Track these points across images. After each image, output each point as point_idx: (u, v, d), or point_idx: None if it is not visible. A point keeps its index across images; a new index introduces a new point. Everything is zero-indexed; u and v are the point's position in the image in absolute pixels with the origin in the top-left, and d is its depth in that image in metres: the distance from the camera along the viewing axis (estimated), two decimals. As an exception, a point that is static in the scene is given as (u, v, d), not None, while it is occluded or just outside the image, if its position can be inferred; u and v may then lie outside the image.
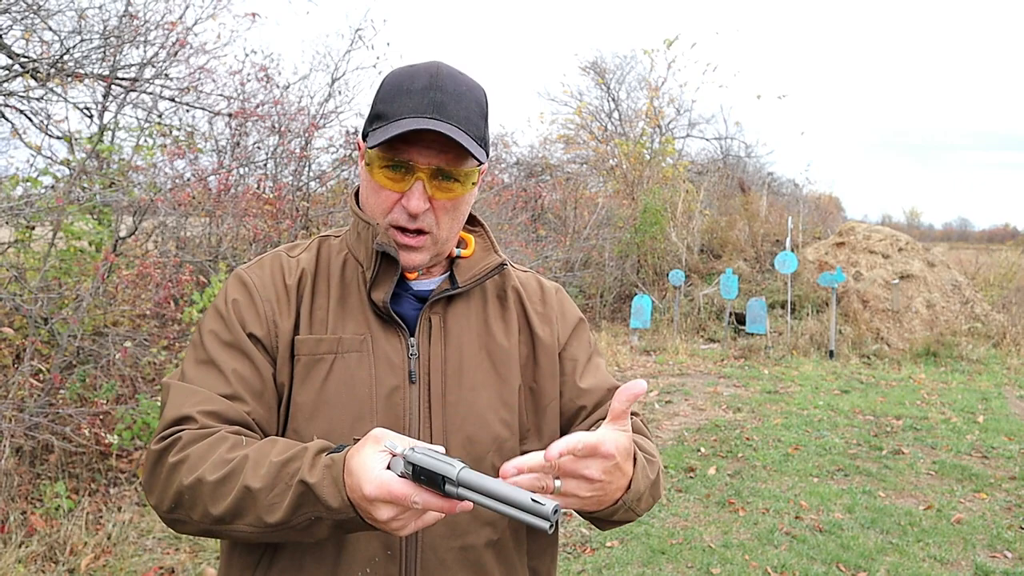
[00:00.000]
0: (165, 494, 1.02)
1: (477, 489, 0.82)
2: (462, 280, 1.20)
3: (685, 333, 11.37)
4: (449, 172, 1.11)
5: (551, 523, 0.76)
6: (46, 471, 4.09)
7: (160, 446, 1.04)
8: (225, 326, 1.14)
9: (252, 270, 1.20)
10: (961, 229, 54.19)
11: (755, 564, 4.00)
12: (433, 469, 0.84)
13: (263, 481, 0.95)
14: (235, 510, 0.96)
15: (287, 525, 0.95)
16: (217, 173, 6.08)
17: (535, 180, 13.46)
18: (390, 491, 0.86)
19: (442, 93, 1.10)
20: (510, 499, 0.80)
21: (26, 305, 4.06)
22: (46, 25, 5.32)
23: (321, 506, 0.92)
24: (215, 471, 0.98)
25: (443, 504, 0.85)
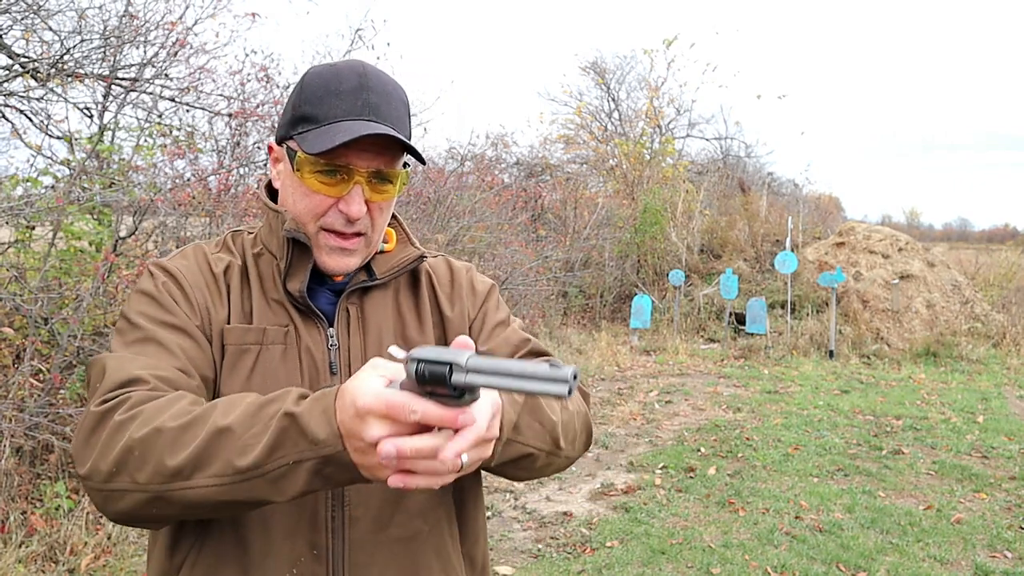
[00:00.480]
0: (105, 456, 0.90)
1: (488, 371, 0.75)
2: (380, 272, 1.19)
3: (685, 333, 11.37)
4: (386, 175, 1.10)
5: (569, 387, 0.70)
6: (46, 471, 4.09)
7: (103, 407, 0.93)
8: (161, 308, 1.08)
9: (175, 260, 1.15)
10: (961, 229, 54.23)
11: (755, 564, 4.00)
12: (440, 358, 0.77)
13: (238, 420, 0.86)
14: (199, 457, 0.85)
15: (259, 471, 0.84)
16: (217, 173, 6.08)
17: (535, 180, 13.47)
18: (387, 401, 0.77)
19: (374, 94, 1.09)
20: (526, 372, 0.73)
21: (26, 305, 4.06)
22: (46, 25, 5.32)
23: (305, 441, 0.83)
24: (177, 419, 0.88)
25: (444, 414, 0.76)
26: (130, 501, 0.90)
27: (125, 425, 0.90)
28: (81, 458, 0.93)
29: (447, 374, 0.75)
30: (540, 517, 4.63)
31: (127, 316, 1.08)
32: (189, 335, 1.06)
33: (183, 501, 0.87)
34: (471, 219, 9.19)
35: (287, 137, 1.12)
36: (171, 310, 1.07)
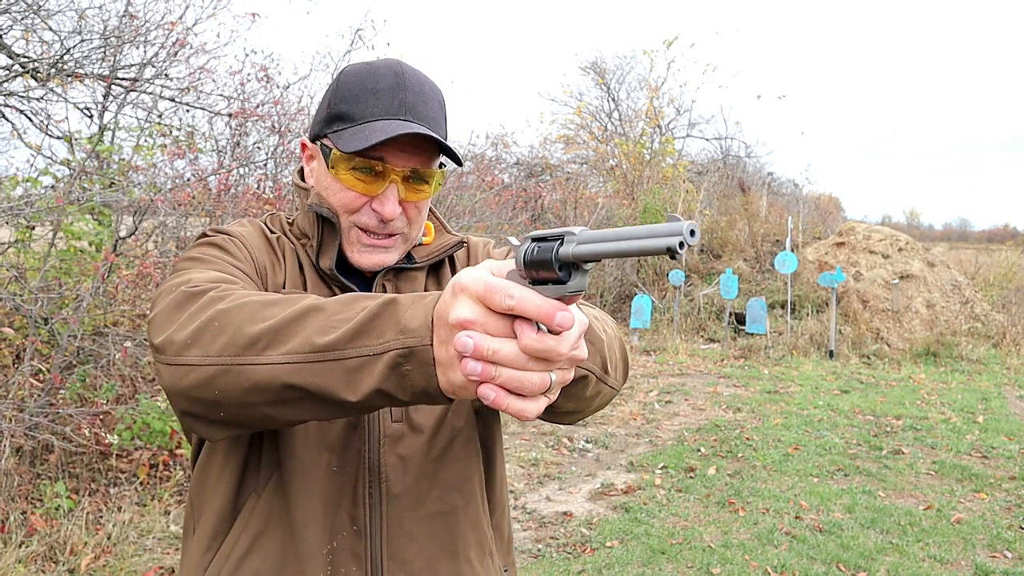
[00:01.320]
0: (185, 327, 0.86)
1: (597, 238, 0.68)
2: (419, 257, 1.19)
3: (685, 333, 11.37)
4: (422, 174, 1.10)
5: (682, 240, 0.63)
6: (46, 471, 4.09)
7: (195, 288, 0.91)
8: (227, 252, 1.07)
9: (230, 226, 1.16)
10: (961, 229, 54.24)
11: (755, 564, 4.00)
12: (553, 233, 0.71)
13: (331, 303, 0.81)
14: (279, 329, 0.80)
15: (336, 354, 0.77)
16: (217, 173, 6.08)
17: (535, 180, 13.47)
18: (485, 281, 0.70)
19: (411, 94, 1.08)
20: (638, 233, 0.66)
21: (26, 305, 4.06)
22: (46, 25, 5.32)
23: (394, 330, 0.76)
24: (265, 297, 0.86)
25: (541, 305, 0.68)
26: (196, 376, 0.84)
27: (216, 301, 0.87)
28: (159, 328, 0.89)
29: (556, 248, 0.69)
30: (540, 517, 4.63)
31: (188, 256, 1.05)
32: (253, 282, 1.06)
33: (251, 380, 0.81)
34: (471, 219, 9.19)
35: (322, 135, 1.12)
36: (236, 256, 1.07)
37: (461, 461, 1.12)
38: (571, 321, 0.68)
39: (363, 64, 1.13)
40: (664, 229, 0.64)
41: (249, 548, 1.05)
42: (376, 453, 1.07)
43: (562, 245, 0.69)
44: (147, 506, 4.12)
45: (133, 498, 4.17)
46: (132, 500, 4.15)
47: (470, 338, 0.69)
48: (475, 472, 1.14)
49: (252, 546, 1.05)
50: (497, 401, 0.71)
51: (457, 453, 1.11)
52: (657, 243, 0.64)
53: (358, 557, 1.05)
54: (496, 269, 0.74)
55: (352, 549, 1.05)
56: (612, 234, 0.67)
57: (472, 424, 1.14)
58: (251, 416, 0.85)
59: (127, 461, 4.43)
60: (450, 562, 1.10)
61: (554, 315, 0.68)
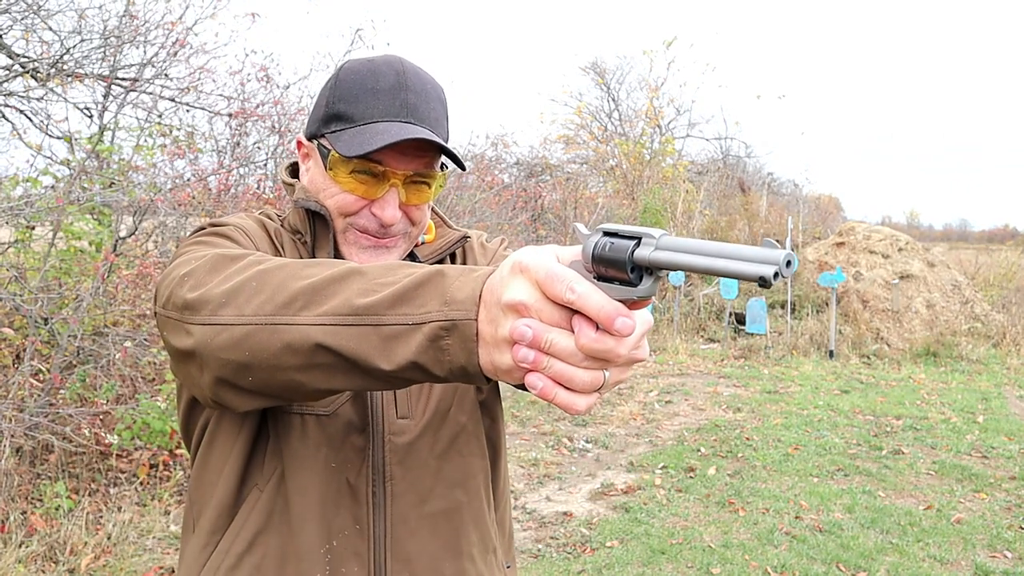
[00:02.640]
0: (221, 285, 0.83)
1: (681, 248, 0.63)
2: (423, 256, 1.16)
3: (685, 333, 11.37)
4: (423, 177, 1.07)
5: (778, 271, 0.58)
6: (46, 471, 4.09)
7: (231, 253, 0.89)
8: (230, 240, 1.04)
9: (229, 218, 1.12)
10: (961, 229, 54.24)
11: (755, 564, 4.00)
12: (629, 231, 0.66)
13: (376, 268, 0.78)
14: (319, 289, 0.77)
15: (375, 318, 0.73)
16: (217, 173, 6.08)
17: (535, 180, 13.47)
18: (549, 268, 0.66)
19: (412, 94, 1.05)
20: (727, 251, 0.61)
21: (26, 305, 4.06)
22: (46, 25, 5.32)
23: (438, 300, 0.72)
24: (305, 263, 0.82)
25: (603, 306, 0.64)
26: (227, 337, 0.80)
27: (254, 264, 0.84)
28: (194, 286, 0.85)
29: (632, 248, 0.64)
30: (540, 517, 4.63)
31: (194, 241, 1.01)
32: None
33: (283, 340, 0.77)
34: (471, 219, 9.19)
35: (319, 134, 1.09)
36: (240, 243, 1.03)
37: (465, 457, 1.10)
38: (631, 328, 0.64)
39: (364, 61, 1.09)
40: (759, 254, 0.59)
41: (249, 545, 1.02)
42: (380, 450, 1.04)
43: (639, 246, 0.64)
44: (147, 506, 4.12)
45: (133, 498, 4.17)
46: (132, 500, 4.15)
47: (528, 327, 0.66)
48: (479, 468, 1.12)
49: (252, 543, 1.02)
50: (545, 391, 0.68)
51: (461, 449, 1.10)
52: (750, 268, 0.59)
53: (360, 556, 1.03)
54: (562, 255, 0.69)
55: (354, 548, 1.02)
56: (697, 246, 0.62)
57: (477, 419, 1.12)
58: (280, 382, 0.81)
59: (127, 461, 4.43)
60: (454, 560, 1.08)
61: (615, 319, 0.64)
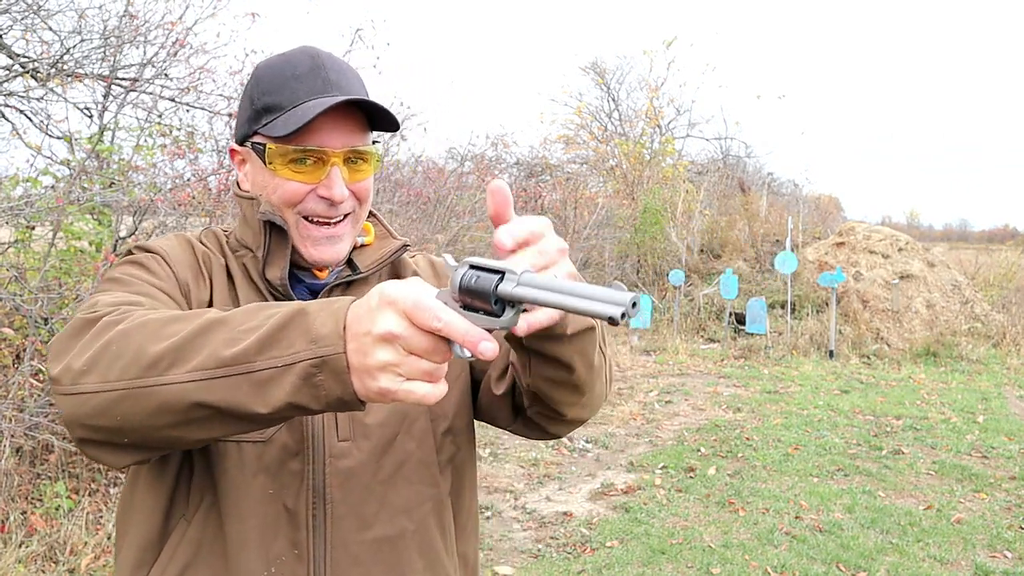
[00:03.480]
0: (82, 354, 0.82)
1: (540, 285, 0.69)
2: (363, 266, 1.15)
3: (685, 333, 11.37)
4: (359, 151, 1.07)
5: (624, 311, 0.65)
6: (46, 471, 4.09)
7: (92, 315, 0.86)
8: (147, 271, 1.04)
9: (156, 241, 1.11)
10: (961, 229, 54.23)
11: (755, 564, 4.00)
12: (494, 265, 0.71)
13: (235, 314, 0.79)
14: (183, 346, 0.77)
15: (245, 367, 0.75)
16: (217, 173, 6.08)
17: (535, 180, 13.48)
18: (415, 298, 0.70)
19: (331, 72, 1.07)
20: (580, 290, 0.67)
21: (26, 305, 4.06)
22: (46, 25, 5.32)
23: (304, 339, 0.74)
24: (166, 314, 0.82)
25: (468, 331, 0.69)
26: (96, 404, 0.80)
27: (111, 325, 0.82)
28: (55, 359, 0.84)
29: (495, 282, 0.70)
30: (540, 517, 4.63)
31: (108, 277, 1.02)
32: (176, 302, 1.02)
33: (154, 401, 0.77)
34: (471, 219, 9.20)
35: (251, 134, 1.09)
36: (157, 275, 1.03)
37: (413, 485, 1.07)
38: (494, 351, 0.69)
39: (276, 56, 1.11)
40: (608, 295, 0.66)
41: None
42: (320, 473, 1.02)
43: (503, 281, 0.69)
44: (147, 506, 4.11)
45: (133, 498, 4.17)
46: (132, 500, 4.15)
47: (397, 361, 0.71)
48: (428, 496, 1.09)
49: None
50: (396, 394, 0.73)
51: (408, 476, 1.07)
52: (600, 308, 0.65)
53: None
54: (427, 287, 0.73)
55: (292, 574, 1.00)
56: (556, 285, 0.68)
57: (429, 447, 1.10)
58: (157, 439, 0.82)
59: (127, 461, 4.43)
60: None
61: (478, 343, 0.69)
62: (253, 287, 1.11)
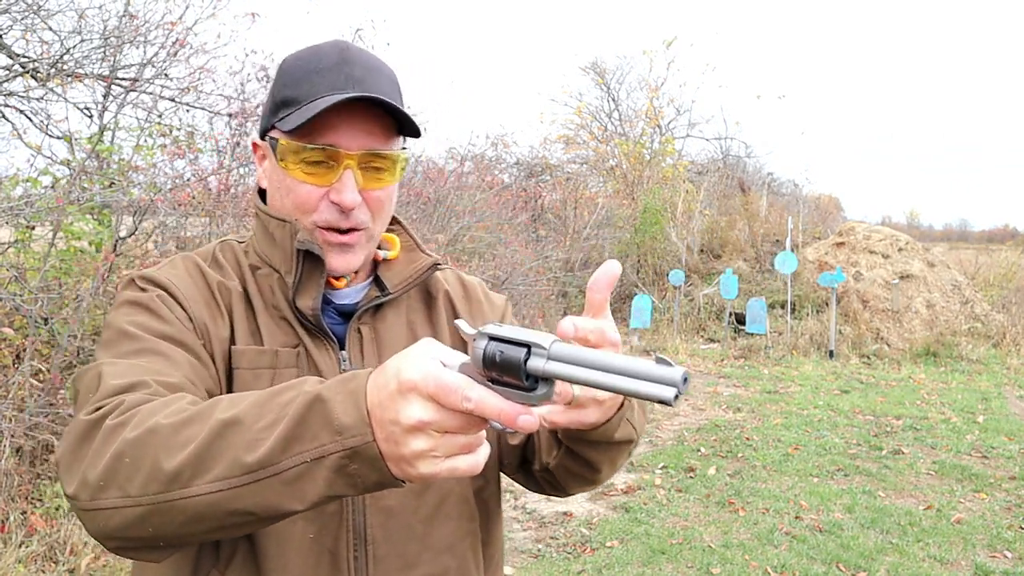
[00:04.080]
0: (94, 467, 0.76)
1: (576, 360, 0.63)
2: (392, 285, 1.08)
3: (685, 333, 11.37)
4: (379, 155, 0.99)
5: (678, 392, 0.59)
6: (46, 471, 4.08)
7: (95, 415, 0.80)
8: (157, 317, 0.95)
9: (164, 270, 1.03)
10: (961, 229, 54.25)
11: (755, 564, 4.00)
12: (517, 337, 0.65)
13: (247, 410, 0.73)
14: (200, 455, 0.71)
15: (272, 469, 0.70)
16: (217, 173, 6.08)
17: (535, 180, 13.47)
18: (437, 379, 0.65)
19: (358, 68, 0.99)
20: (625, 367, 0.61)
21: (26, 305, 4.06)
22: (46, 25, 5.31)
23: (328, 430, 0.69)
24: (174, 416, 0.75)
25: (503, 409, 0.64)
26: (121, 519, 0.75)
27: (117, 430, 0.77)
28: (68, 474, 0.79)
29: (523, 358, 0.64)
30: (540, 517, 4.63)
31: (117, 326, 0.94)
32: (191, 349, 0.94)
33: (184, 513, 0.73)
34: (471, 219, 9.19)
35: (269, 128, 1.04)
36: (168, 320, 0.95)
37: (453, 520, 1.05)
38: (534, 424, 0.65)
39: (306, 48, 1.05)
40: (655, 372, 0.60)
41: None
42: (361, 514, 0.98)
43: (530, 356, 0.64)
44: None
45: (133, 498, 4.17)
46: (132, 500, 4.15)
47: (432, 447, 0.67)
48: (468, 532, 1.07)
49: None
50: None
51: (449, 512, 1.04)
52: (649, 389, 0.60)
53: None
54: (445, 358, 0.68)
55: None
56: (591, 358, 0.63)
57: (466, 483, 1.07)
58: (196, 539, 0.79)
59: (127, 461, 4.43)
60: None
61: (516, 418, 0.65)
62: (277, 316, 1.03)
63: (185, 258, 1.06)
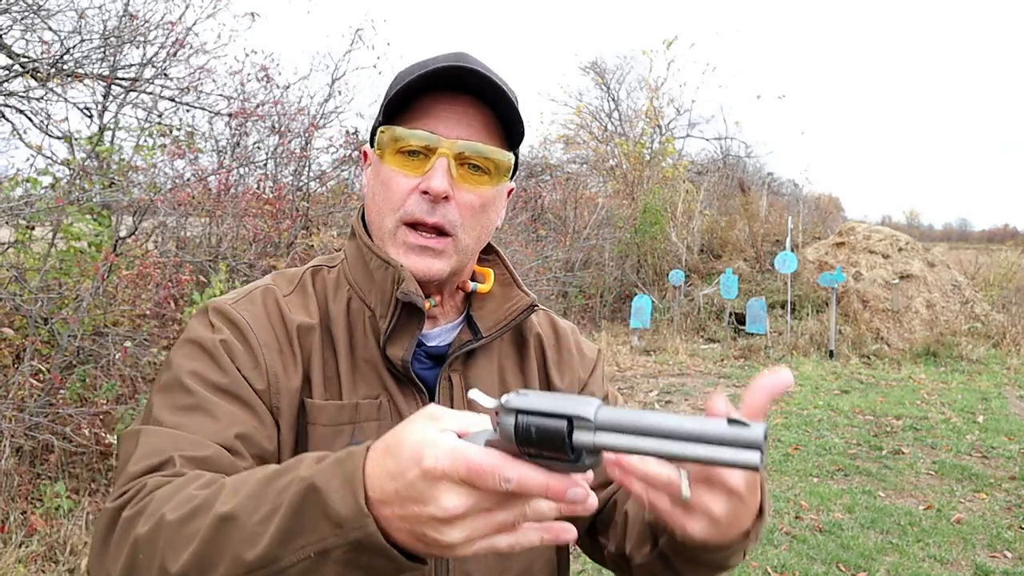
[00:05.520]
0: (116, 561, 0.73)
1: (629, 427, 0.55)
2: (485, 328, 1.00)
3: (685, 333, 11.37)
4: (480, 153, 0.93)
5: (762, 452, 0.52)
6: (46, 471, 4.08)
7: (117, 502, 0.76)
8: (216, 366, 0.89)
9: (241, 305, 0.95)
10: (961, 229, 54.29)
11: (755, 564, 4.00)
12: (555, 409, 0.57)
13: (243, 502, 0.68)
14: (202, 556, 0.67)
15: (275, 567, 0.65)
16: (217, 173, 6.08)
17: (535, 180, 13.46)
18: (468, 462, 0.58)
19: (472, 61, 0.93)
20: (690, 431, 0.54)
21: (26, 305, 4.06)
22: (46, 25, 5.31)
23: (326, 521, 0.63)
24: (179, 509, 0.70)
25: (549, 483, 0.58)
26: None
27: (133, 522, 0.73)
28: (95, 567, 0.76)
29: (566, 432, 0.56)
30: (540, 517, 4.63)
31: (175, 372, 0.89)
32: (248, 405, 0.88)
33: None
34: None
35: (373, 134, 0.99)
36: (228, 371, 0.89)
37: None
38: (585, 496, 0.59)
39: None
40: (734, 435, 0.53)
41: None
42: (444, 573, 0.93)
43: (573, 430, 0.57)
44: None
45: (133, 498, 4.17)
46: (132, 500, 4.15)
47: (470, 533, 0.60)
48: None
49: None
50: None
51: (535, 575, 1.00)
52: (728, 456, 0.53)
53: None
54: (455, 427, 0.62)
55: None
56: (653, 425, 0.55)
57: (553, 546, 1.00)
58: None
59: (127, 461, 4.43)
60: None
61: (565, 492, 0.58)
62: (362, 360, 0.96)
63: (266, 292, 0.98)
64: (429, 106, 0.93)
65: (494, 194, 0.97)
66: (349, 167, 7.35)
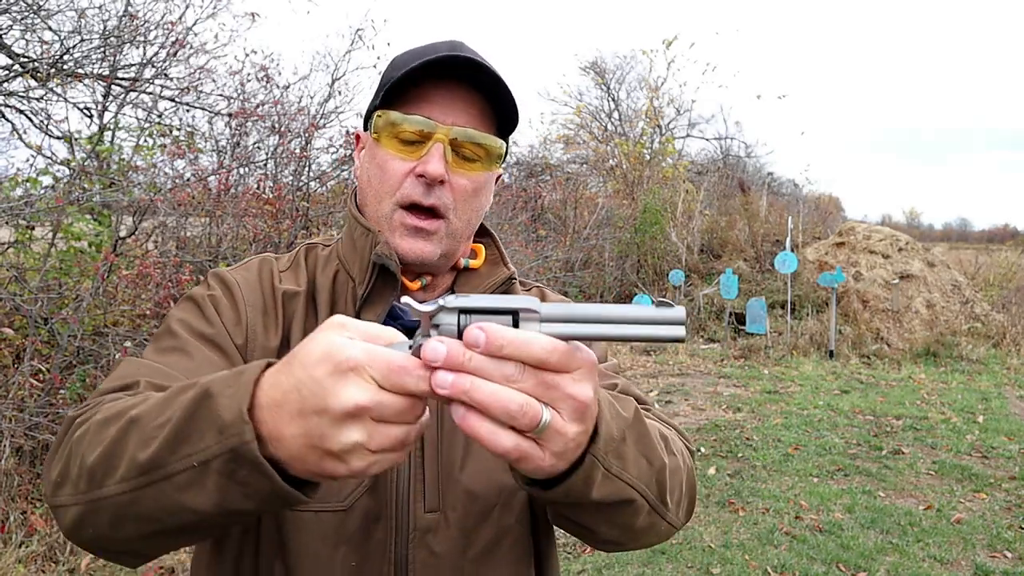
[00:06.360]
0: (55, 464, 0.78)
1: (572, 317, 0.58)
2: None
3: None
4: (474, 140, 0.95)
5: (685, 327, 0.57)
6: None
7: (75, 413, 0.81)
8: (203, 317, 0.96)
9: (236, 271, 1.03)
10: (961, 229, 54.30)
11: (755, 564, 4.00)
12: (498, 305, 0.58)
13: (152, 406, 0.69)
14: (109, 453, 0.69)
15: (162, 472, 0.65)
16: (217, 173, 6.08)
17: (535, 180, 13.47)
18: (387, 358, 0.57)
19: (467, 51, 0.96)
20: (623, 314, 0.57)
21: (26, 305, 4.06)
22: (46, 25, 5.32)
23: (212, 427, 0.62)
24: (106, 412, 0.74)
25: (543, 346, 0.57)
26: (69, 517, 0.73)
27: (76, 428, 0.77)
28: (46, 467, 0.80)
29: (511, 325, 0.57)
30: (540, 517, 4.63)
31: (168, 322, 0.96)
32: (226, 355, 0.93)
33: (106, 513, 0.70)
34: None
35: (370, 115, 1.01)
36: (211, 321, 0.95)
37: (509, 565, 0.97)
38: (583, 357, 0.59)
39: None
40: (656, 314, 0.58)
41: None
42: (404, 547, 0.92)
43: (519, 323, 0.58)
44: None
45: (133, 498, 4.16)
46: (132, 500, 4.15)
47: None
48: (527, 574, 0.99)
49: None
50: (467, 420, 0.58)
51: (504, 555, 0.96)
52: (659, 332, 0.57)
53: None
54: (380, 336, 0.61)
55: None
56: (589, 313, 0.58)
57: (525, 522, 0.99)
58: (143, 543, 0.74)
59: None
60: None
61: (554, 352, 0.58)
62: None
63: (263, 262, 1.05)
64: (425, 92, 0.95)
65: (486, 179, 1.01)
66: (349, 167, 7.36)
